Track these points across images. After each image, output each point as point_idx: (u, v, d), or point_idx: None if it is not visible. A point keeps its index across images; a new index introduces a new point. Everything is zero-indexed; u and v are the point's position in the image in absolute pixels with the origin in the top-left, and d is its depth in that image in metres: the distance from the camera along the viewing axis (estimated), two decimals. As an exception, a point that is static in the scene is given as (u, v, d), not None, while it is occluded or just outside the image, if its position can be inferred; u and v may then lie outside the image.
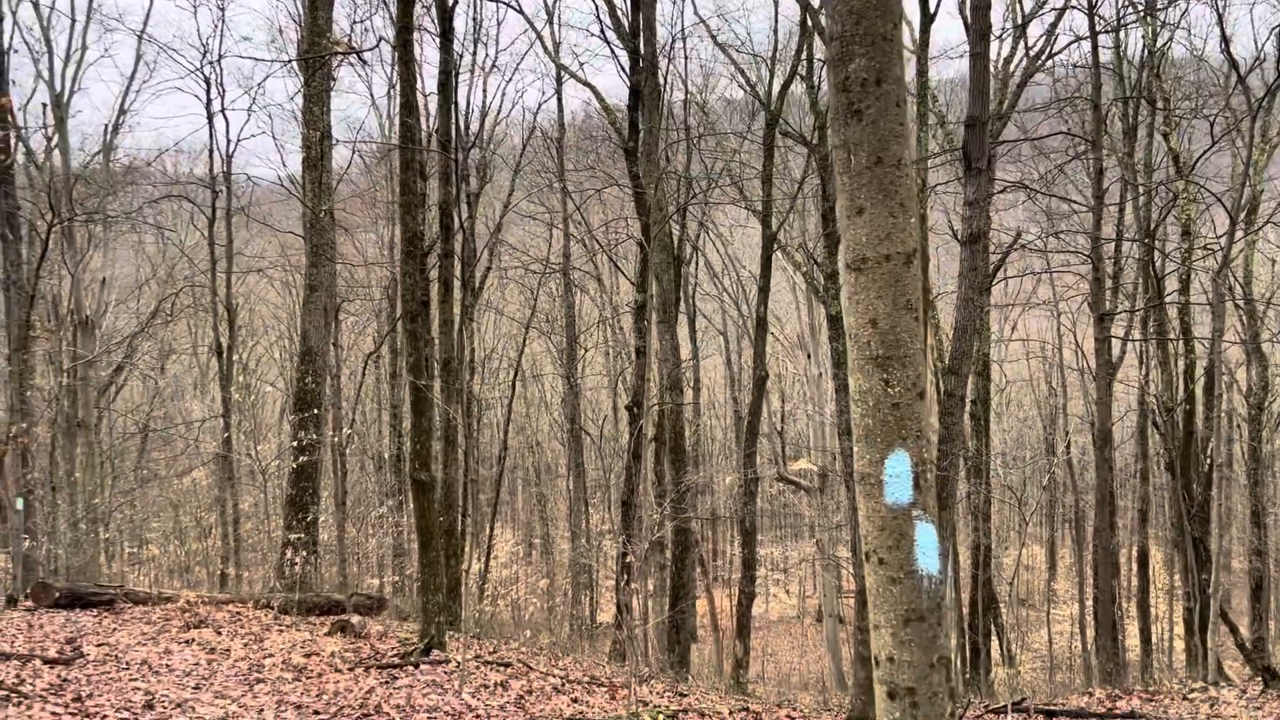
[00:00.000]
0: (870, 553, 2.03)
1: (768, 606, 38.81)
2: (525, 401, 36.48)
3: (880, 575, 2.00)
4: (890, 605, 1.99)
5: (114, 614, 11.44)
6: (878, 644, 2.03)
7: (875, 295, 2.09)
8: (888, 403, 2.00)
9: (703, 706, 9.12)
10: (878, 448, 2.00)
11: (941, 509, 13.43)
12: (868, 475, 2.03)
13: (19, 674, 6.84)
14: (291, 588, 15.41)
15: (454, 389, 13.31)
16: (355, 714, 6.91)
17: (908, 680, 1.95)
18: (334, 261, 18.67)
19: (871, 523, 2.01)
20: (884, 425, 2.00)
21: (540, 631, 18.41)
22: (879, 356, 2.01)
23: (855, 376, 2.07)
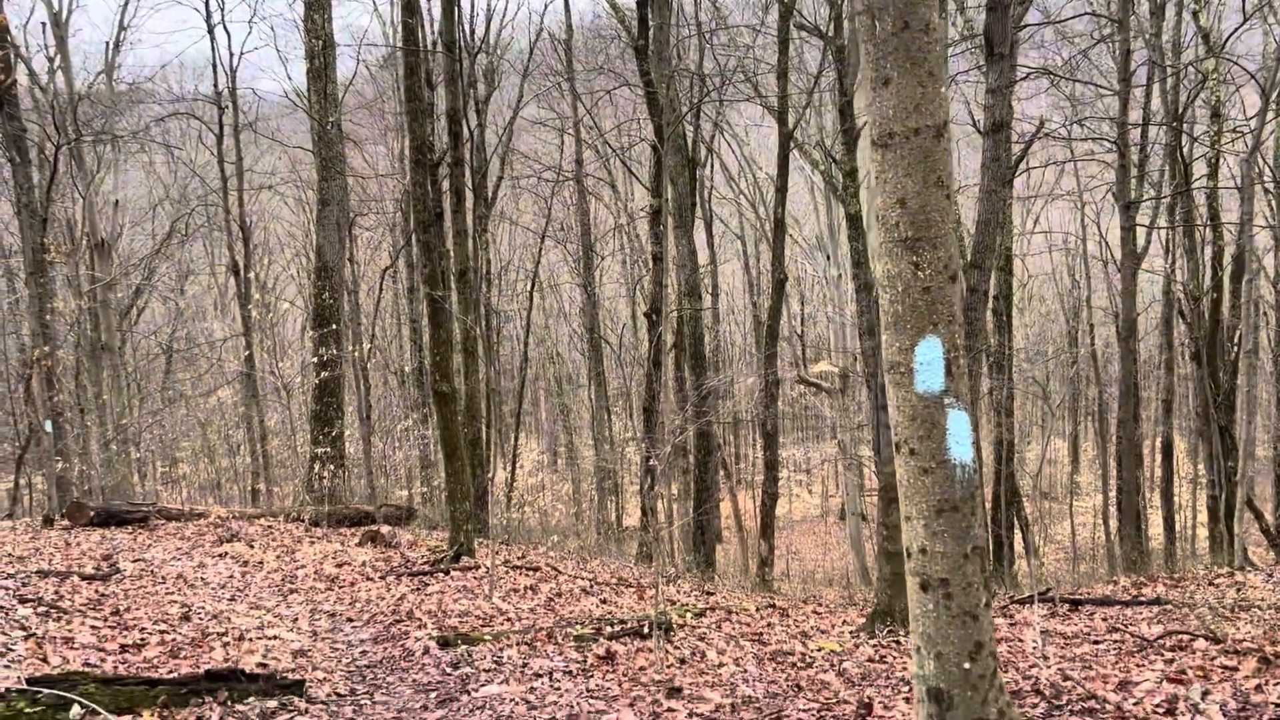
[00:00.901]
0: (901, 443, 1.94)
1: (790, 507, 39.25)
2: (544, 312, 36.46)
3: (911, 466, 1.92)
4: (922, 496, 1.91)
5: (148, 531, 11.65)
6: (909, 536, 1.95)
7: (903, 173, 1.95)
8: (918, 287, 1.89)
9: (730, 604, 9.24)
10: (907, 334, 1.90)
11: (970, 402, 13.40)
12: (898, 364, 1.93)
13: (58, 590, 6.97)
14: (321, 501, 15.65)
15: (471, 300, 13.23)
16: (388, 620, 7.04)
17: (941, 571, 1.88)
18: (344, 174, 18.46)
19: (902, 413, 1.92)
20: (914, 311, 1.89)
21: (567, 536, 18.71)
22: (908, 239, 1.89)
23: (883, 261, 1.96)
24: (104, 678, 4.32)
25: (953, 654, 1.95)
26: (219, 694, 4.57)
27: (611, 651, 6.16)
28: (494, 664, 5.74)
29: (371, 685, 5.42)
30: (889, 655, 6.83)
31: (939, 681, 1.87)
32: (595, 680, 5.53)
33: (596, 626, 6.91)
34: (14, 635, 5.56)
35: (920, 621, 1.93)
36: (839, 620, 8.93)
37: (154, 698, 4.33)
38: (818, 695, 5.54)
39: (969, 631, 2.00)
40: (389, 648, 6.22)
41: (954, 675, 1.95)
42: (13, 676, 4.66)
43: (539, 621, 7.20)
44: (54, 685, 4.10)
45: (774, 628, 8.03)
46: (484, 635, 6.32)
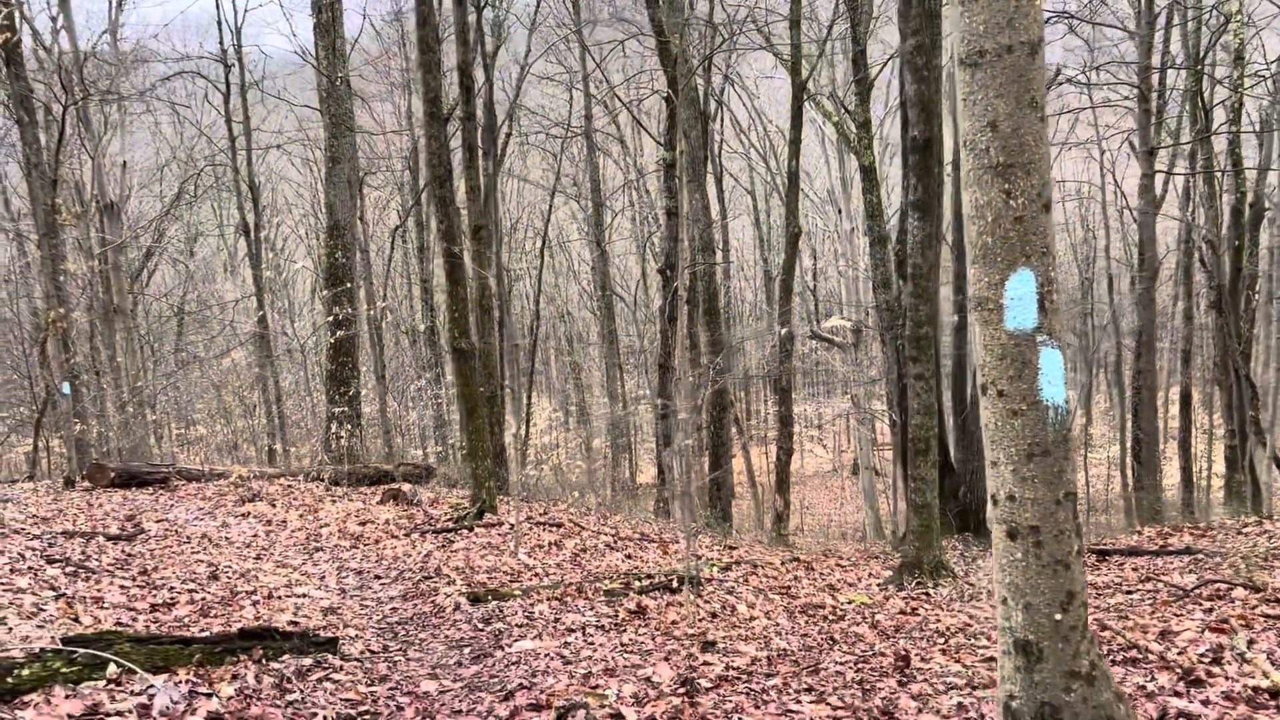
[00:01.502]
0: (988, 384, 1.84)
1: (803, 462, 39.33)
2: (554, 271, 36.30)
3: (999, 408, 1.82)
4: (1011, 440, 1.81)
5: (169, 491, 11.67)
6: (996, 483, 1.86)
7: (995, 94, 1.82)
8: (1009, 217, 1.77)
9: (753, 558, 9.21)
10: (997, 268, 1.79)
11: (986, 356, 13.26)
12: (986, 299, 1.82)
13: (85, 550, 6.96)
14: (339, 460, 15.67)
15: (486, 256, 13.10)
16: (416, 576, 7.01)
17: (1031, 519, 1.79)
18: (353, 131, 18.28)
19: (990, 352, 1.81)
20: (1005, 242, 1.77)
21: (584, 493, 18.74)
22: (999, 164, 1.77)
23: (971, 190, 1.83)
24: (138, 637, 4.29)
25: (1043, 605, 1.86)
26: (253, 652, 4.54)
27: (642, 606, 6.12)
28: (526, 619, 5.71)
29: (404, 642, 5.39)
30: (920, 607, 6.78)
31: (1028, 633, 1.78)
32: (628, 634, 5.49)
33: (625, 581, 6.88)
34: (45, 595, 5.54)
35: (1007, 571, 1.84)
36: (864, 573, 8.90)
37: (189, 656, 4.30)
38: (853, 648, 5.49)
39: (1060, 581, 1.91)
40: (419, 604, 6.19)
41: (1044, 627, 1.87)
42: (46, 636, 4.63)
43: (567, 577, 7.17)
44: (89, 645, 4.06)
45: (800, 581, 8.00)
46: (513, 591, 6.28)
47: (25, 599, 5.41)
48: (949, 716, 4.17)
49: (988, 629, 5.93)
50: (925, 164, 7.36)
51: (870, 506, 28.26)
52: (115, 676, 4.01)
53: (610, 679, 4.63)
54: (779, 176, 30.94)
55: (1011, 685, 1.98)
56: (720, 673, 4.78)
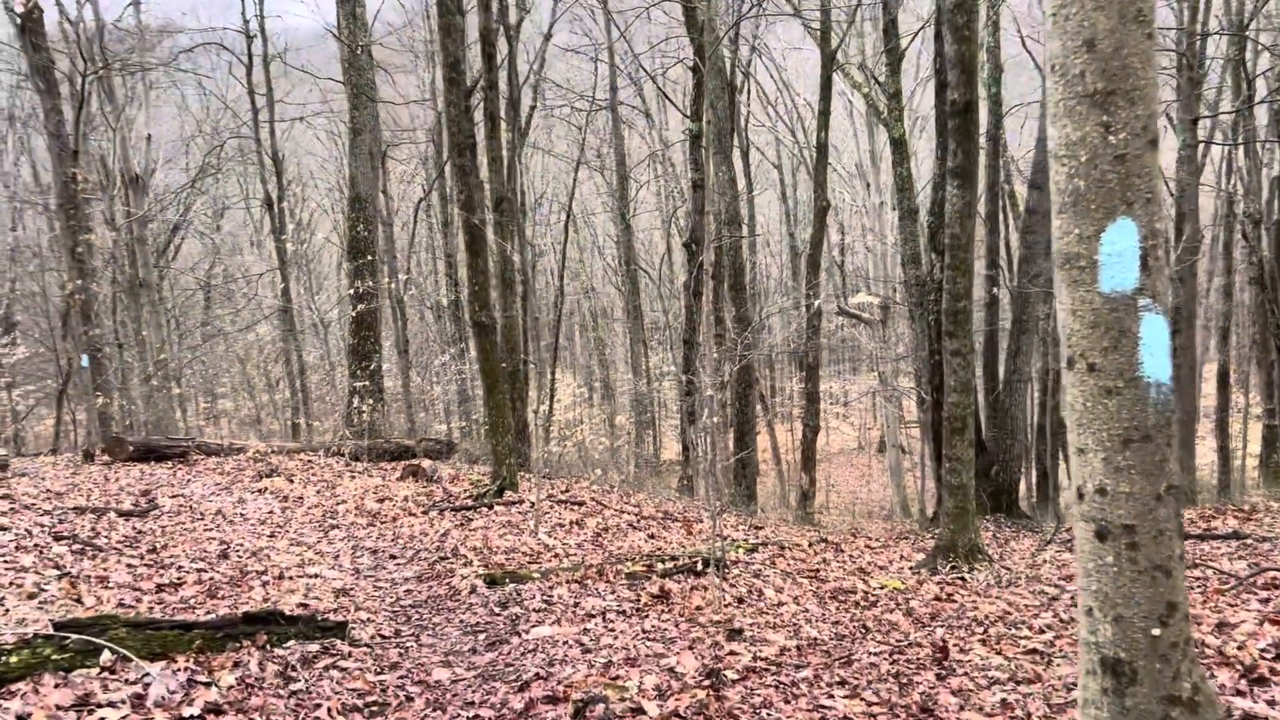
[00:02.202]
0: (1076, 356, 1.54)
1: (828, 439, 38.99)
2: (578, 246, 36.02)
3: (1089, 385, 1.53)
4: (1103, 423, 1.52)
5: (188, 466, 11.54)
6: (1083, 473, 1.57)
7: (1093, 6, 1.52)
8: (1108, 155, 1.47)
9: (780, 539, 8.95)
10: (1091, 217, 1.48)
11: (1022, 332, 12.87)
12: (1076, 255, 1.52)
13: (94, 527, 6.79)
14: (360, 435, 15.52)
15: (509, 228, 12.83)
16: (433, 557, 6.80)
17: (1125, 516, 1.50)
18: (375, 102, 18.01)
19: (1079, 318, 1.52)
20: (1101, 186, 1.47)
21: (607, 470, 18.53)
22: (1097, 91, 1.46)
23: (1060, 124, 1.53)
24: (135, 621, 4.08)
25: (1138, 618, 1.56)
26: (257, 637, 4.33)
27: (665, 590, 5.88)
28: (544, 603, 5.47)
29: (417, 626, 5.17)
30: (956, 593, 6.50)
31: (1119, 650, 1.49)
32: (651, 620, 5.25)
33: (647, 563, 6.63)
34: (48, 574, 5.37)
35: (1094, 577, 1.55)
36: (894, 555, 8.62)
37: (189, 642, 4.09)
38: (887, 637, 5.22)
39: (1159, 590, 1.61)
40: (434, 586, 5.97)
41: (1138, 643, 1.57)
42: (43, 619, 4.44)
43: (587, 558, 6.93)
44: (83, 630, 3.86)
45: (829, 564, 7.73)
46: (532, 573, 6.05)
47: (28, 578, 5.23)
48: (993, 715, 3.91)
49: (1028, 618, 5.65)
50: (965, 128, 7.00)
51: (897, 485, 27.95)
52: (109, 664, 3.81)
53: (631, 669, 4.39)
54: (806, 150, 30.49)
55: (1097, 710, 1.68)
56: (747, 663, 4.53)
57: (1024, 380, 13.25)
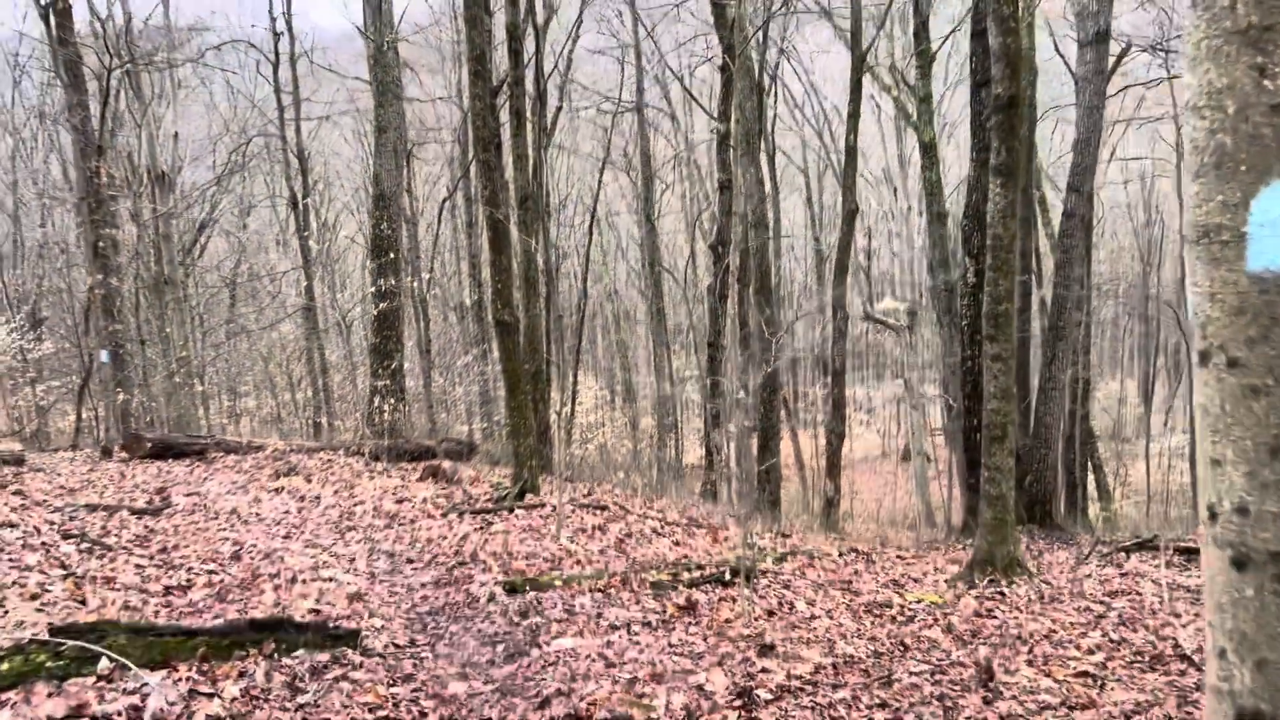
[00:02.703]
0: (1214, 349, 1.28)
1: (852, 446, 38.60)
2: (602, 250, 35.89)
3: (1230, 384, 1.26)
4: (1246, 428, 1.26)
5: (206, 463, 11.39)
6: (1218, 489, 1.31)
7: (1248, -80, 1.26)
8: (1262, 105, 1.21)
9: (809, 548, 8.67)
10: (1239, 181, 1.22)
11: (1059, 339, 12.53)
12: (1217, 228, 1.26)
13: (105, 525, 6.62)
14: (381, 435, 15.35)
15: (533, 227, 12.65)
16: (451, 561, 6.57)
17: (1273, 541, 1.24)
18: (401, 100, 17.87)
19: (1219, 302, 1.26)
20: (1253, 143, 1.21)
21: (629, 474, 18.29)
22: (1251, 26, 1.20)
23: (1202, 68, 1.26)
24: (135, 626, 3.88)
25: (1287, 664, 1.31)
26: (264, 645, 4.11)
27: (692, 601, 5.62)
28: (565, 613, 5.23)
29: (433, 635, 4.94)
30: (996, 609, 6.21)
31: (1260, 701, 1.24)
32: (677, 634, 5.00)
33: (673, 572, 6.38)
34: (53, 574, 5.19)
35: (1230, 613, 1.29)
36: (928, 567, 8.32)
37: (192, 649, 3.88)
38: (928, 655, 4.95)
39: (1313, 631, 1.36)
40: (451, 593, 5.75)
41: (1286, 695, 1.32)
42: (41, 623, 4.25)
43: (611, 565, 6.69)
44: (80, 636, 3.66)
45: (862, 575, 7.45)
46: (553, 580, 5.82)
47: (32, 578, 5.05)
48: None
49: (1075, 637, 5.36)
50: (1009, 124, 6.72)
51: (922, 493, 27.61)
52: (107, 672, 3.60)
53: (657, 686, 4.14)
54: (834, 154, 30.28)
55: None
56: (781, 681, 4.27)
57: (1059, 388, 12.91)
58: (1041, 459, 12.40)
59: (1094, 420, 23.28)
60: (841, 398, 20.01)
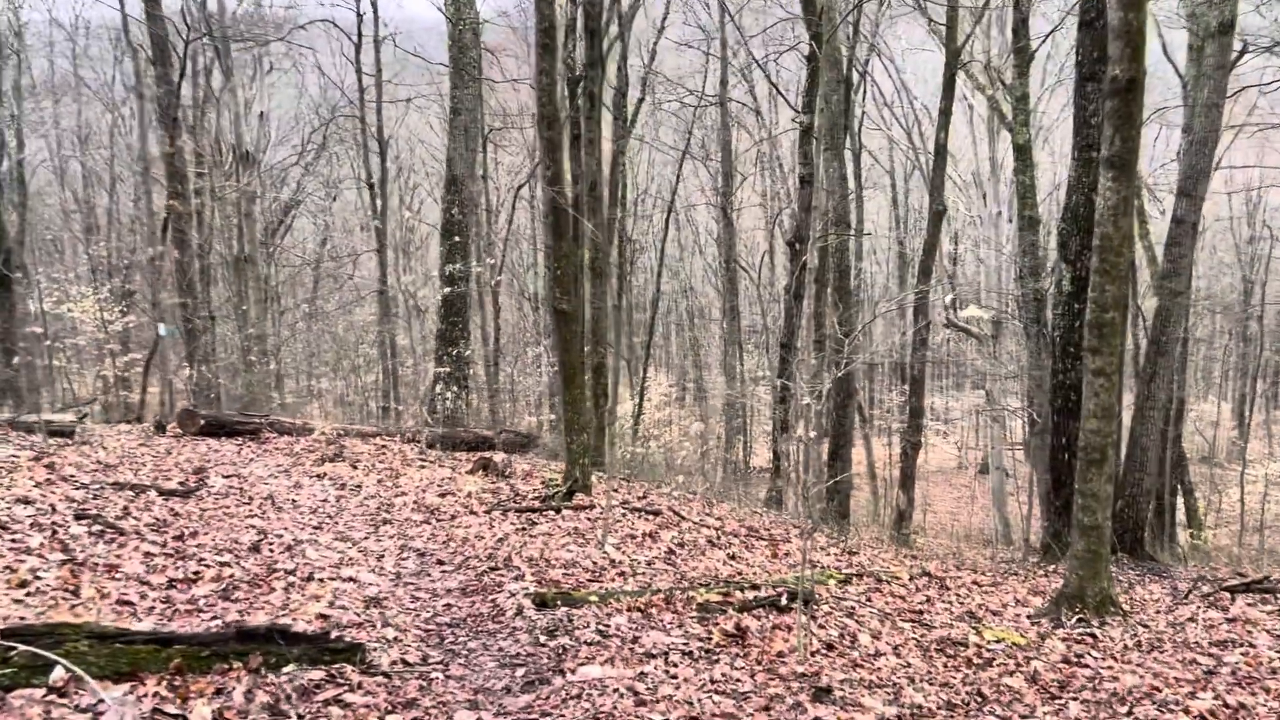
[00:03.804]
0: None
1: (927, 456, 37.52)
2: (679, 245, 35.42)
3: None
4: None
5: (258, 443, 11.14)
6: None
7: None
8: None
9: (877, 569, 8.00)
10: None
11: (1160, 354, 11.59)
12: None
13: (128, 506, 6.28)
14: (442, 422, 15.06)
15: (602, 216, 12.15)
16: (483, 565, 6.08)
17: None
18: (478, 82, 17.53)
19: None
20: None
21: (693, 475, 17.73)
22: None
23: None
24: (101, 631, 3.44)
25: None
26: (251, 658, 3.64)
27: (742, 627, 5.03)
28: (598, 635, 4.69)
29: (448, 652, 4.44)
30: (1087, 654, 5.50)
31: None
32: (722, 666, 4.42)
33: (724, 591, 5.80)
34: (52, 558, 4.82)
35: None
36: (1007, 598, 7.59)
37: (165, 660, 3.43)
38: (1009, 709, 4.30)
39: None
40: (477, 602, 5.24)
41: None
42: (19, 617, 3.85)
43: (656, 580, 6.13)
44: (37, 638, 3.23)
45: (934, 604, 6.77)
46: (589, 595, 5.28)
47: (28, 562, 4.69)
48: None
49: (1183, 696, 4.64)
50: (1126, 110, 5.97)
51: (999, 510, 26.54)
52: (60, 684, 3.16)
53: (692, 733, 3.58)
54: (922, 154, 29.39)
55: None
56: (836, 736, 3.68)
57: (1156, 407, 11.95)
58: (1135, 483, 11.48)
59: (1186, 442, 22.02)
60: (920, 407, 19.22)
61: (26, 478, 6.47)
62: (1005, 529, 24.52)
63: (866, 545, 12.29)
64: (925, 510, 25.51)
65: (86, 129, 30.98)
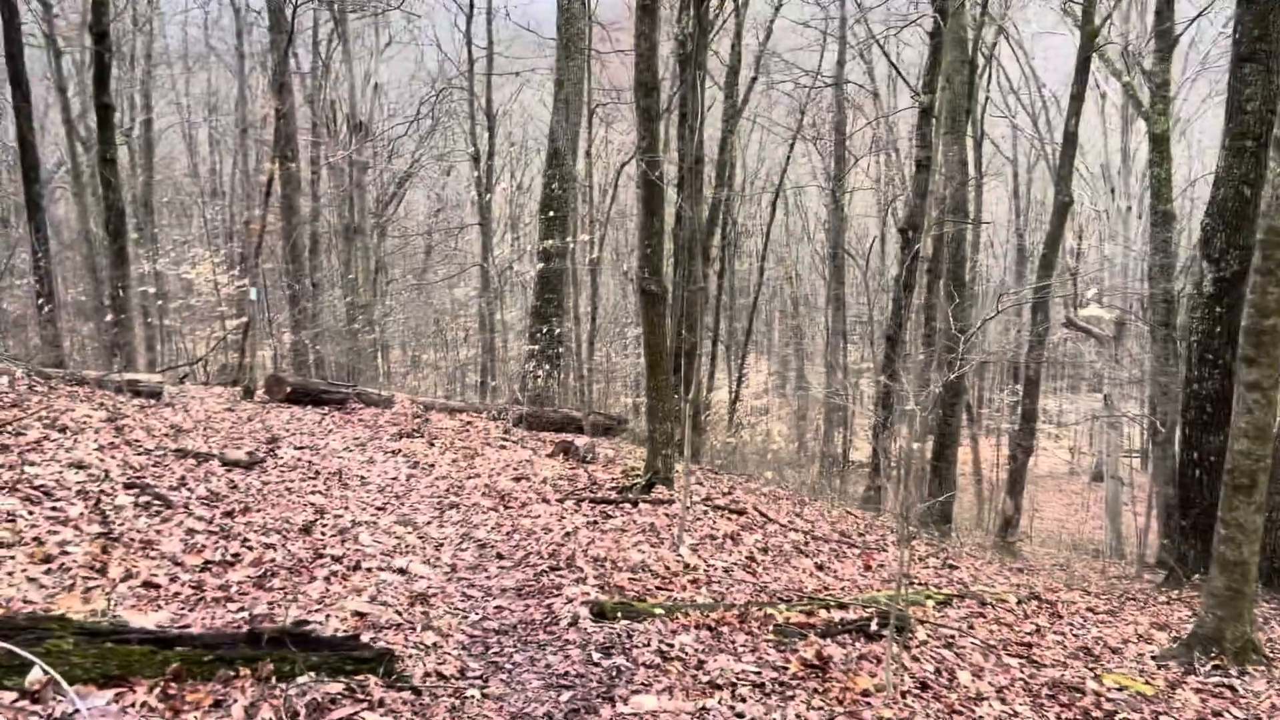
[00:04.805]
0: None
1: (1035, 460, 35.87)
2: (785, 231, 34.58)
3: None
4: None
5: (342, 413, 10.97)
6: None
7: None
8: None
9: (981, 590, 7.29)
10: None
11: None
12: None
13: (185, 476, 6.04)
14: (532, 401, 14.77)
15: (700, 194, 11.58)
16: (544, 562, 5.62)
17: None
18: (584, 53, 17.10)
19: None
20: None
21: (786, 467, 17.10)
22: None
23: None
24: (92, 627, 3.08)
25: None
26: (261, 665, 3.24)
27: (824, 656, 4.46)
28: (659, 656, 4.18)
29: (490, 664, 3.99)
30: (1226, 712, 4.75)
31: None
32: (797, 704, 3.86)
33: (807, 610, 5.22)
34: (86, 531, 4.55)
35: None
36: (1128, 630, 6.81)
37: (162, 664, 3.05)
38: (1135, 785, 3.63)
39: None
40: (531, 607, 4.79)
41: None
42: (17, 598, 3.54)
43: (732, 591, 5.59)
44: (17, 634, 2.88)
45: (1044, 636, 6.06)
46: (654, 606, 4.77)
47: (60, 534, 4.42)
48: None
49: (1349, 781, 3.89)
50: (1307, 85, 5.13)
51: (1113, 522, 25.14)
52: (37, 686, 2.81)
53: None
54: (1048, 144, 27.98)
55: None
56: (926, 807, 3.09)
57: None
58: (1278, 506, 10.42)
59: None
60: (1033, 409, 18.20)
61: (91, 440, 6.29)
62: (1117, 542, 23.26)
63: (968, 555, 11.53)
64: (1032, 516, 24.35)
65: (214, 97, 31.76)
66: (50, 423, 6.48)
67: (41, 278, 12.37)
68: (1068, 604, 7.68)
